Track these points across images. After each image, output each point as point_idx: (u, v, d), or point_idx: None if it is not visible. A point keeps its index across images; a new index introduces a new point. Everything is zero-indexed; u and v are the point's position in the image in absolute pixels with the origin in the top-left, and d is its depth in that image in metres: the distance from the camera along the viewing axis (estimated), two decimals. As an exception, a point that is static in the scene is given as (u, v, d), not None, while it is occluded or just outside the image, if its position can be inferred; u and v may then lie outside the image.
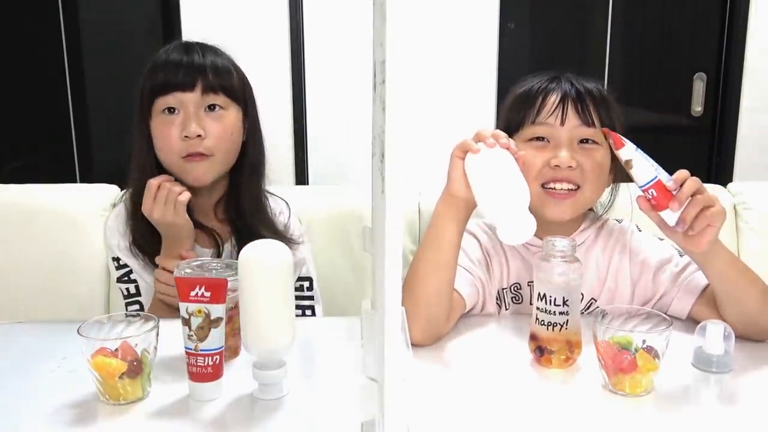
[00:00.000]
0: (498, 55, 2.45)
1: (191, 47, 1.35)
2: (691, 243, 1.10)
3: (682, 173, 1.09)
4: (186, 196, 1.30)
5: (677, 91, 2.68)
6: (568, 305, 1.07)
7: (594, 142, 1.25)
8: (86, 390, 1.00)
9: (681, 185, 1.08)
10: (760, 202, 1.77)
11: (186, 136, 1.30)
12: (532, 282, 1.29)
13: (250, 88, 1.41)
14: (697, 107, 2.64)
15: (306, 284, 1.47)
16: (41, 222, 1.76)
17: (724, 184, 1.83)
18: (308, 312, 1.47)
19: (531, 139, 1.26)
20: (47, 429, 0.94)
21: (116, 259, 1.41)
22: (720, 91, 2.63)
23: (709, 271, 1.17)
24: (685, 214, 1.08)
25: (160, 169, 1.35)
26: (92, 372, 0.97)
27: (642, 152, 1.13)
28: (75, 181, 2.66)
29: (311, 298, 1.48)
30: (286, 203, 1.50)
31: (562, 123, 1.24)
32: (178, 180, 1.34)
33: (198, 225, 1.36)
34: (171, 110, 1.32)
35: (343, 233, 1.74)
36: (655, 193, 1.09)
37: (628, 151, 1.13)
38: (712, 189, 1.82)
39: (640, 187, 1.11)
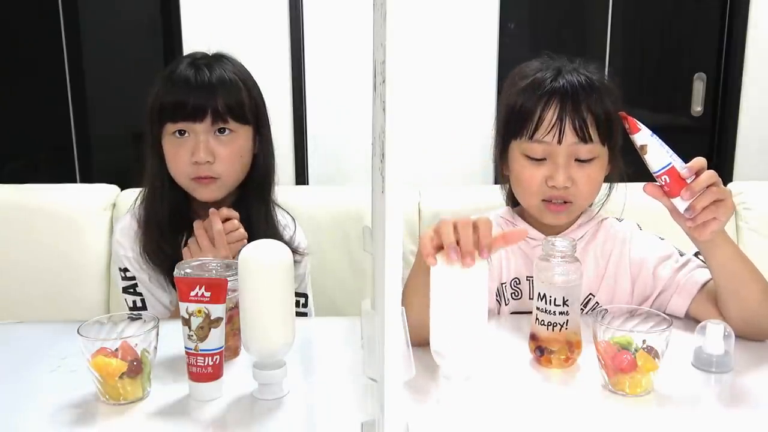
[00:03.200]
0: (498, 55, 2.45)
1: (200, 68, 1.33)
2: (695, 231, 1.11)
3: (698, 162, 1.09)
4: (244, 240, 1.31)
5: (677, 91, 2.67)
6: (568, 305, 1.06)
7: (591, 157, 1.25)
8: (86, 390, 1.00)
9: (696, 174, 1.08)
10: (760, 202, 1.77)
11: (195, 162, 1.31)
12: (531, 277, 1.30)
13: (263, 103, 1.40)
14: (697, 107, 2.64)
15: (302, 300, 1.47)
16: (41, 222, 1.76)
17: (724, 184, 1.83)
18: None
19: (529, 156, 1.25)
20: (47, 429, 0.94)
21: (124, 270, 1.41)
22: (720, 91, 2.62)
23: (711, 260, 1.17)
24: (696, 202, 1.08)
25: (172, 183, 1.37)
26: (92, 372, 0.97)
27: (658, 138, 1.12)
28: (75, 181, 2.66)
29: (305, 314, 1.48)
30: (292, 218, 1.50)
31: (560, 141, 1.23)
32: (188, 195, 1.37)
33: None
34: (181, 132, 1.33)
35: (343, 233, 1.74)
36: (668, 180, 1.09)
37: (644, 136, 1.12)
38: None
39: (654, 172, 1.10)
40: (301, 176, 2.47)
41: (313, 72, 2.42)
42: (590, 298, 1.31)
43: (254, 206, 1.40)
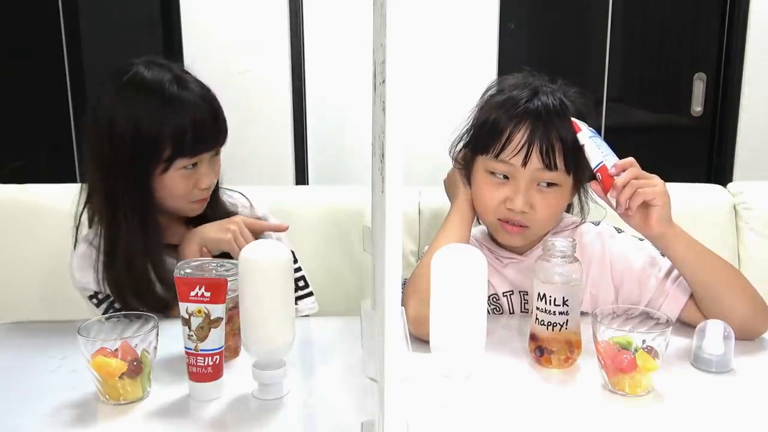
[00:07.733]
0: (498, 55, 2.45)
1: (186, 87, 1.28)
2: (644, 226, 1.14)
3: (626, 161, 1.14)
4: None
5: (677, 91, 2.67)
6: (567, 305, 1.07)
7: (554, 184, 1.23)
8: (86, 390, 1.00)
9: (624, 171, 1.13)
10: (760, 202, 1.77)
11: (204, 188, 1.30)
12: (509, 292, 1.30)
13: None
14: (697, 107, 2.64)
15: (301, 283, 1.47)
16: (41, 222, 1.76)
17: (724, 184, 1.83)
18: (308, 301, 1.47)
19: (492, 172, 1.24)
20: (47, 429, 0.94)
21: (94, 295, 1.35)
22: (720, 91, 2.62)
23: (669, 254, 1.18)
24: (618, 196, 1.13)
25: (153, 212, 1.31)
26: (92, 372, 0.97)
27: (598, 139, 1.18)
28: (75, 181, 2.65)
29: (311, 294, 1.48)
30: (243, 195, 1.48)
31: (524, 165, 1.20)
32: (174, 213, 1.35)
33: (171, 246, 1.34)
34: (194, 164, 1.29)
35: (343, 233, 1.74)
36: (600, 177, 1.15)
37: (582, 136, 1.18)
38: (712, 189, 1.82)
39: (593, 171, 1.17)
40: (301, 176, 2.47)
41: (313, 72, 2.42)
42: None
43: (217, 201, 1.39)
